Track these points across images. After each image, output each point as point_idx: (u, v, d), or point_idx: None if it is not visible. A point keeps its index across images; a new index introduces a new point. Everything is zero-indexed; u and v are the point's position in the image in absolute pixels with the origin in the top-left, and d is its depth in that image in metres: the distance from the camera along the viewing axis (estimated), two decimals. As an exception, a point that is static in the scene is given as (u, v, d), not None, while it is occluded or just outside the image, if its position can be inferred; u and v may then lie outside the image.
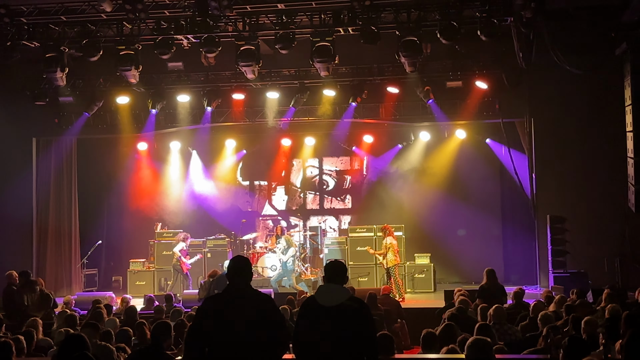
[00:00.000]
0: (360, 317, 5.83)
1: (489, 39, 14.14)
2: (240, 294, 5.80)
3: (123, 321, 10.52)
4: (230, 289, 5.87)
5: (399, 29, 14.45)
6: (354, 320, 5.79)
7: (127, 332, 8.52)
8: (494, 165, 20.05)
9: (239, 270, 5.91)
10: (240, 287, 5.85)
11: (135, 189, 21.35)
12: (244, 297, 5.79)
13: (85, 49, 15.04)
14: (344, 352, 5.76)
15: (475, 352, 5.86)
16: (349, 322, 5.77)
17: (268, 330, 5.70)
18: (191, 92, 18.23)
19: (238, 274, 5.90)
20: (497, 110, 17.96)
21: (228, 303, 5.77)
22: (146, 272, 19.24)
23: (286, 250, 17.87)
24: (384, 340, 7.15)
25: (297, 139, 21.06)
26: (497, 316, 9.27)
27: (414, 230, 19.58)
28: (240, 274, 5.90)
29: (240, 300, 5.76)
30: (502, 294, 12.43)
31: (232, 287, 5.87)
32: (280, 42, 14.66)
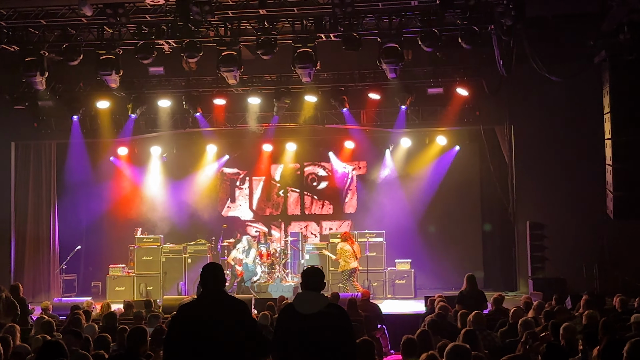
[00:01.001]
0: (339, 324, 5.81)
1: (470, 46, 14.21)
2: (214, 300, 5.77)
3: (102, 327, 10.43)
4: (204, 296, 5.84)
5: (381, 36, 14.49)
6: (332, 328, 5.76)
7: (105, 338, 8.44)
8: (474, 172, 20.15)
9: (211, 276, 5.88)
10: (214, 293, 5.81)
11: (115, 194, 21.21)
12: (217, 303, 5.75)
13: (65, 53, 14.93)
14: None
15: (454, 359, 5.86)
16: (328, 329, 5.75)
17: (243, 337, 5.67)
18: (172, 97, 18.18)
19: (211, 280, 5.87)
20: (477, 117, 18.07)
21: (202, 310, 5.73)
22: (126, 278, 19.11)
23: (247, 251, 17.86)
24: (364, 346, 7.14)
25: (278, 144, 21.02)
26: (476, 322, 9.29)
27: (395, 236, 19.60)
28: (213, 280, 5.87)
29: (214, 306, 5.72)
30: (482, 300, 12.47)
31: (206, 294, 5.83)
32: (262, 47, 14.65)
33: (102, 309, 13.36)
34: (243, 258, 17.94)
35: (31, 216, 19.37)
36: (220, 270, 5.96)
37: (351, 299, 12.41)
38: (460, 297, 12.44)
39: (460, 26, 14.15)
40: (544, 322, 9.54)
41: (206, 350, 5.60)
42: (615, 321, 9.05)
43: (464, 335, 7.95)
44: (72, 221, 20.64)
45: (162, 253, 19.24)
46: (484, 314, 10.37)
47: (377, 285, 18.38)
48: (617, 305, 11.14)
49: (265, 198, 21.83)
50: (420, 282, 19.07)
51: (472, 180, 20.20)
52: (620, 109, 14.61)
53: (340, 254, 17.03)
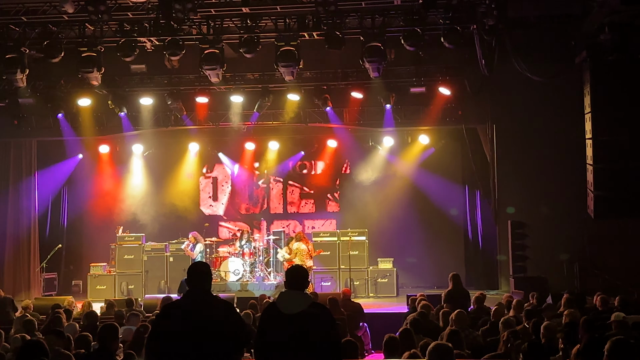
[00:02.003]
0: (323, 324, 5.79)
1: (452, 45, 14.27)
2: (200, 300, 5.74)
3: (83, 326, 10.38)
4: (189, 295, 5.81)
5: (364, 35, 14.51)
6: (316, 328, 5.75)
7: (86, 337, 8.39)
8: (457, 171, 20.23)
9: (198, 275, 5.86)
10: (199, 293, 5.79)
11: (96, 192, 21.10)
12: (203, 303, 5.72)
13: (46, 50, 14.82)
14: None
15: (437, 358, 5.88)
16: (312, 329, 5.74)
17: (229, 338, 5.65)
18: (154, 95, 18.12)
19: (198, 280, 5.84)
20: (459, 117, 18.14)
21: (187, 309, 5.70)
22: (107, 277, 19.02)
23: (194, 246, 17.79)
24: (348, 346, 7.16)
25: (261, 143, 20.99)
26: (459, 321, 9.32)
27: (378, 234, 19.65)
28: (200, 279, 5.84)
29: (200, 306, 5.69)
30: (466, 299, 12.50)
31: (192, 294, 5.81)
32: (245, 46, 14.63)
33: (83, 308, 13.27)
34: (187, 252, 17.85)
35: (11, 214, 19.22)
36: (207, 270, 5.93)
37: (332, 298, 12.42)
38: (448, 296, 12.39)
39: (442, 26, 14.20)
40: (525, 320, 9.60)
41: (190, 350, 5.57)
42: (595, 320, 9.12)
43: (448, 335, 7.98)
44: (53, 219, 20.51)
45: (143, 252, 19.17)
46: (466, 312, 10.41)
47: (359, 284, 18.40)
48: (597, 304, 11.22)
49: (248, 197, 21.79)
50: (402, 281, 19.14)
51: (455, 180, 20.27)
52: (601, 109, 14.74)
53: (296, 253, 17.01)
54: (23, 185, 19.46)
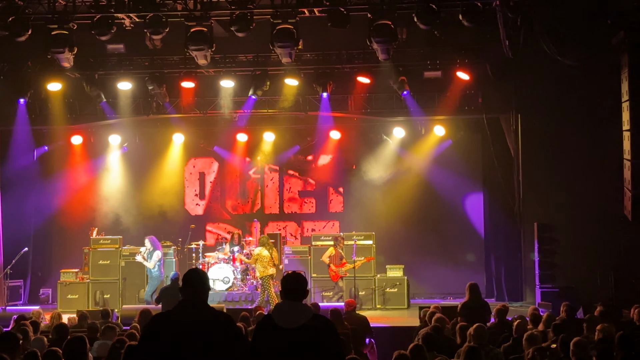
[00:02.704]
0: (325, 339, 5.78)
1: (472, 24, 14.26)
2: (196, 312, 5.73)
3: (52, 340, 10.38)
4: (184, 306, 5.79)
5: (371, 11, 14.50)
6: (318, 343, 5.73)
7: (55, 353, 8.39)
8: (476, 166, 20.22)
9: (194, 283, 5.85)
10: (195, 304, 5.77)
11: (68, 189, 21.09)
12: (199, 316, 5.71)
13: (11, 27, 14.82)
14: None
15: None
16: (313, 345, 5.72)
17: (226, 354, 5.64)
18: (134, 79, 18.10)
19: (194, 289, 5.82)
20: (479, 105, 18.14)
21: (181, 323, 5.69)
22: (79, 285, 19.01)
23: (150, 254, 17.74)
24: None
25: (254, 134, 20.99)
26: (477, 337, 9.30)
27: (386, 238, 19.65)
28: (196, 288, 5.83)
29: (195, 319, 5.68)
30: (486, 312, 12.48)
31: (187, 304, 5.79)
32: (237, 23, 14.61)
33: (52, 319, 13.27)
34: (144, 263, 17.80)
35: (-29, 214, 19.24)
36: (204, 278, 5.93)
37: (335, 310, 12.43)
38: (463, 308, 12.41)
39: (461, 1, 14.18)
40: (553, 336, 9.60)
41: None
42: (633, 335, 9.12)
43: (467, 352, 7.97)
44: (18, 220, 20.48)
45: (120, 256, 19.15)
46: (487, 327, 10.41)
47: (365, 294, 18.41)
48: (635, 318, 11.22)
49: (240, 194, 21.80)
50: (414, 291, 19.12)
51: (474, 176, 20.26)
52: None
53: (256, 259, 17.15)
54: (-17, 181, 19.48)
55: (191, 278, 5.89)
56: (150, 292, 17.53)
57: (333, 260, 17.75)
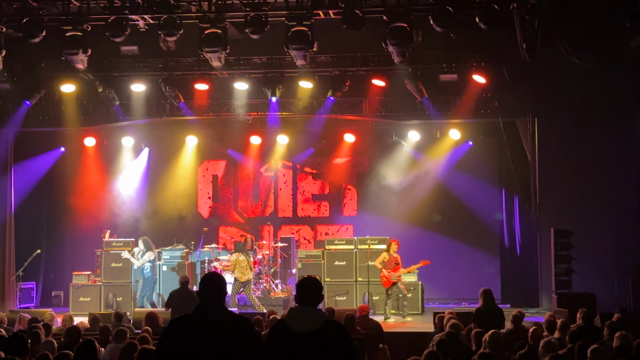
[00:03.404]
0: (339, 345, 5.77)
1: (489, 27, 14.21)
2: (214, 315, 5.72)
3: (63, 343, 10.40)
4: (202, 310, 5.78)
5: (387, 14, 14.47)
6: (331, 349, 5.73)
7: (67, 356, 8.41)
8: (492, 171, 20.16)
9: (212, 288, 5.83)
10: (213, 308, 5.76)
11: (81, 192, 21.18)
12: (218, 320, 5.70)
13: (25, 29, 14.88)
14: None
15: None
16: (326, 350, 5.72)
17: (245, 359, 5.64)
18: (147, 81, 18.14)
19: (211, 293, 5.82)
20: (496, 108, 18.07)
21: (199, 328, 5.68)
22: (91, 287, 19.06)
23: (142, 254, 17.69)
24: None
25: (268, 136, 21.00)
26: (493, 343, 9.27)
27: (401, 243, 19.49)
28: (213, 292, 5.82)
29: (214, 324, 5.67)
30: (500, 318, 12.46)
31: (205, 308, 5.77)
32: (251, 25, 14.62)
33: (63, 322, 13.31)
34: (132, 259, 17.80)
35: (-17, 215, 19.33)
36: (222, 282, 5.91)
37: (348, 315, 12.39)
38: (477, 314, 12.41)
39: (478, 4, 14.14)
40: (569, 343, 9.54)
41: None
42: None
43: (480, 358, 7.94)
44: (31, 221, 20.58)
45: (134, 259, 19.22)
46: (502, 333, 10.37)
47: (378, 299, 18.36)
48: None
49: (253, 197, 21.82)
50: (428, 296, 19.08)
51: (489, 180, 20.20)
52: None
53: (235, 265, 17.34)
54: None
55: (209, 282, 5.88)
56: (143, 295, 17.50)
57: (387, 266, 17.23)
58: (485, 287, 13.06)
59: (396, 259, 17.33)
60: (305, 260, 19.06)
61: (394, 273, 17.22)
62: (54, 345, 9.86)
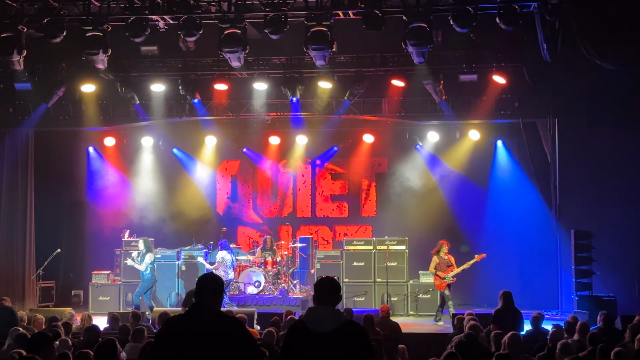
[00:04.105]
0: (357, 344, 5.77)
1: (509, 27, 14.13)
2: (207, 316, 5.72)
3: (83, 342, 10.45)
4: (194, 311, 5.79)
5: (407, 14, 14.44)
6: (350, 348, 5.73)
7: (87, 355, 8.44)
8: (512, 172, 20.07)
9: (207, 288, 5.84)
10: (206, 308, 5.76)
11: (100, 191, 21.27)
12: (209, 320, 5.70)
13: (46, 29, 14.95)
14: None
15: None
16: (345, 350, 5.72)
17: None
18: (167, 81, 18.20)
19: (206, 293, 5.82)
20: (516, 109, 18.01)
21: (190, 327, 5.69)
22: (111, 286, 19.17)
23: (142, 256, 17.62)
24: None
25: (286, 137, 21.03)
26: (512, 345, 9.23)
27: (419, 244, 19.56)
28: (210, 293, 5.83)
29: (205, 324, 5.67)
30: (519, 320, 12.41)
31: (198, 309, 5.78)
32: (271, 25, 14.63)
33: (82, 321, 13.37)
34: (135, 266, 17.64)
35: (4, 214, 19.41)
36: (218, 282, 5.92)
37: (367, 316, 12.38)
38: (496, 315, 12.38)
39: (498, 4, 14.08)
40: (590, 346, 9.49)
41: None
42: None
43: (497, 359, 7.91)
44: (51, 220, 20.70)
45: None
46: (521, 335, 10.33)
47: (397, 300, 18.37)
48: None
49: (272, 197, 21.85)
50: (447, 297, 19.01)
51: (509, 182, 20.11)
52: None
53: (220, 264, 17.46)
54: (19, 182, 19.64)
55: (202, 283, 5.88)
56: (140, 294, 17.51)
57: (440, 268, 16.90)
58: (505, 289, 13.02)
59: (448, 261, 16.96)
60: (324, 261, 19.08)
61: (447, 274, 16.85)
62: (69, 344, 9.90)
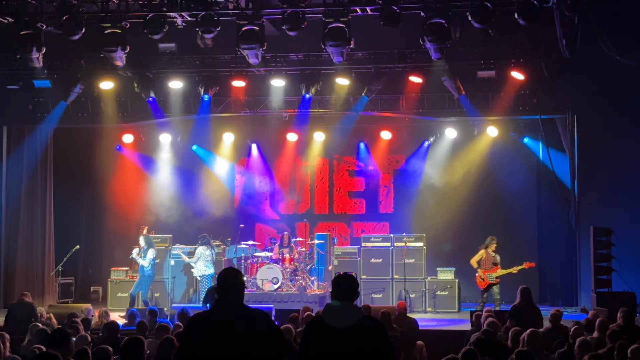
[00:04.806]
0: (376, 339, 5.78)
1: (528, 23, 14.06)
2: (233, 312, 5.74)
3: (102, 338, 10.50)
4: (219, 306, 5.80)
5: (424, 10, 14.40)
6: (368, 343, 5.73)
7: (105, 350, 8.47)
8: (530, 168, 20.00)
9: (229, 283, 5.85)
10: (232, 304, 5.78)
11: (119, 187, 21.36)
12: (237, 316, 5.72)
13: (65, 26, 15.01)
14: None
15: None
16: (363, 345, 5.72)
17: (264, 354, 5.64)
18: (185, 78, 18.23)
19: (229, 288, 5.83)
20: (535, 105, 17.92)
21: (217, 323, 5.70)
22: (129, 283, 19.20)
23: (145, 252, 17.62)
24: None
25: (304, 133, 21.03)
26: (531, 342, 9.19)
27: (437, 240, 19.55)
28: (231, 288, 5.84)
29: (233, 319, 5.69)
30: (537, 317, 12.37)
31: (222, 304, 5.80)
32: (288, 22, 14.62)
33: (100, 317, 13.44)
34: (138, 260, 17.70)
35: (24, 212, 19.52)
36: (239, 277, 5.93)
37: (384, 312, 12.38)
38: (513, 312, 12.35)
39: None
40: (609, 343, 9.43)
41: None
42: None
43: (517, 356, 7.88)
44: (70, 217, 20.82)
45: (170, 255, 19.35)
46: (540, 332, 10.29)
47: (415, 297, 18.34)
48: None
49: (289, 194, 21.85)
50: (465, 294, 18.98)
51: (528, 179, 20.04)
52: None
53: (199, 258, 17.60)
54: (38, 179, 19.75)
55: (224, 277, 5.90)
56: (138, 289, 17.54)
57: (484, 265, 16.52)
58: (523, 285, 12.98)
59: (494, 259, 16.52)
60: (341, 258, 19.06)
61: (491, 274, 16.44)
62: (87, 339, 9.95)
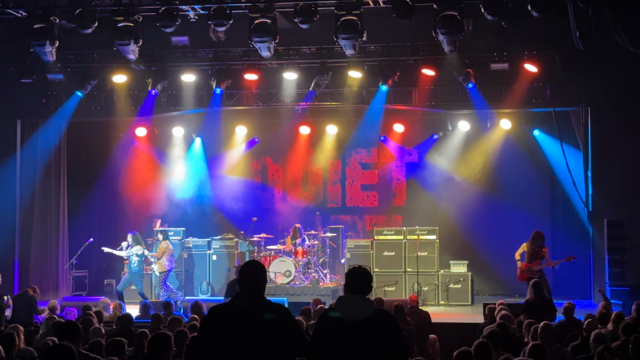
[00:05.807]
0: (388, 332, 5.77)
1: (541, 15, 14.02)
2: (252, 304, 5.76)
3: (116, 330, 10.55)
4: (240, 298, 5.83)
5: (437, 2, 14.36)
6: (380, 336, 5.74)
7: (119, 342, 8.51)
8: (543, 161, 19.92)
9: (252, 276, 5.87)
10: (252, 296, 5.80)
11: (132, 181, 21.41)
12: (256, 308, 5.74)
13: (78, 20, 15.06)
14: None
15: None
16: (375, 338, 5.73)
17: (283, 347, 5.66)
18: (197, 71, 18.25)
19: (252, 281, 5.85)
20: (548, 98, 17.84)
21: (238, 315, 5.72)
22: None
23: (130, 248, 17.64)
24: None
25: (317, 126, 21.02)
26: (545, 334, 9.17)
27: (450, 233, 19.51)
28: (255, 280, 5.86)
29: (252, 311, 5.71)
30: (551, 309, 12.34)
31: (244, 296, 5.82)
32: (301, 15, 14.61)
33: (114, 310, 13.51)
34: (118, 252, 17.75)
35: (38, 205, 19.58)
36: (262, 270, 5.95)
37: (398, 305, 12.37)
38: (527, 305, 12.32)
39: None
40: (623, 336, 9.40)
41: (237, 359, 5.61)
42: None
43: (531, 349, 7.86)
44: (84, 210, 20.88)
45: (183, 248, 19.41)
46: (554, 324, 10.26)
47: (428, 290, 18.31)
48: None
49: (302, 187, 21.85)
50: (478, 288, 18.97)
51: (541, 172, 19.97)
52: None
53: (164, 252, 17.50)
54: (52, 172, 19.81)
55: (247, 270, 5.92)
56: (124, 285, 17.53)
57: (527, 258, 15.90)
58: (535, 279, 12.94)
59: (538, 253, 15.89)
60: (354, 251, 19.05)
61: (531, 267, 15.84)
62: (101, 332, 9.99)
